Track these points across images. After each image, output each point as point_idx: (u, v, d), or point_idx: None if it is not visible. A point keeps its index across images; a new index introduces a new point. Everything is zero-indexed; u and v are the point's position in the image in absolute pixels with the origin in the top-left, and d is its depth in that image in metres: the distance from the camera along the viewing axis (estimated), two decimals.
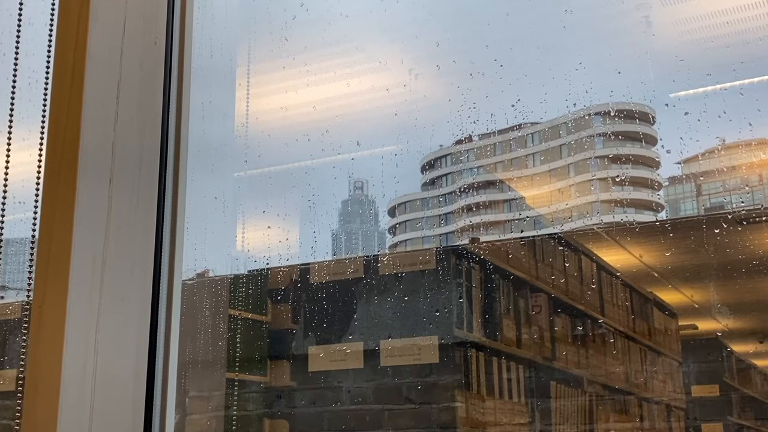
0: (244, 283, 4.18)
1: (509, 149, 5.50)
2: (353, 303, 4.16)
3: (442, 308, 3.97)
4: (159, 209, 1.17)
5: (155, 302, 1.14)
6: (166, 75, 1.22)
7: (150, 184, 1.17)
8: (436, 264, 4.03)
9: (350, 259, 4.30)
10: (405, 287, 4.04)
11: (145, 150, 1.18)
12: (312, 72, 4.19)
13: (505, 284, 4.22)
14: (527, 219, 5.11)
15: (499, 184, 5.59)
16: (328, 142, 4.24)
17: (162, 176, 1.19)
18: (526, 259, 4.32)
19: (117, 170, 1.14)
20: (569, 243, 4.45)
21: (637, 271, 4.63)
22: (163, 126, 1.21)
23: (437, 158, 5.91)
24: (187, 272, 3.57)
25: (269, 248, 4.21)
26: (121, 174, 1.14)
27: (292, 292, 4.33)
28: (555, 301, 4.33)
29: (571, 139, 5.16)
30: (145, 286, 1.14)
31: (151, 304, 1.14)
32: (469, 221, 5.41)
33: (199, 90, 1.32)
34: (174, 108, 1.23)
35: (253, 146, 4.13)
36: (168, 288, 1.16)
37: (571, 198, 5.29)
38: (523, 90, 4.11)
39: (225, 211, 3.87)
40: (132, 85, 1.18)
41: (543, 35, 4.17)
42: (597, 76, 4.00)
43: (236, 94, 3.49)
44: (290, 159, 4.55)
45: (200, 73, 1.33)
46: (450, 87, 4.46)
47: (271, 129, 4.42)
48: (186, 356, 3.17)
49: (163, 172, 1.20)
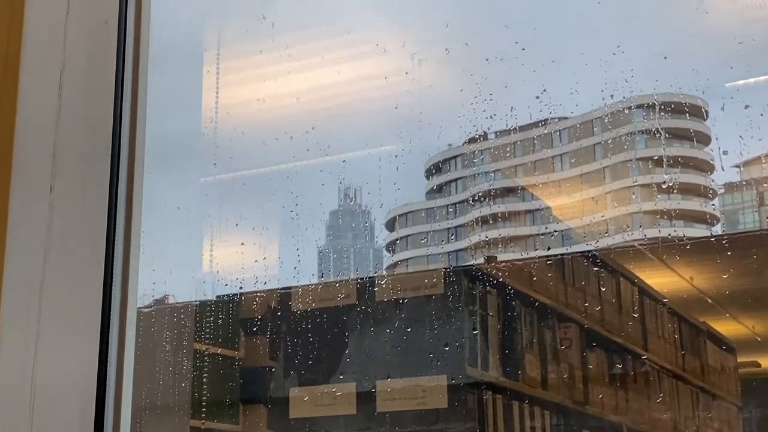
0: (212, 311, 4.21)
1: (532, 149, 5.48)
2: (344, 335, 4.17)
3: (451, 341, 3.99)
4: (110, 222, 1.17)
5: (104, 335, 1.14)
6: (119, 61, 1.23)
7: (99, 192, 1.17)
8: (444, 288, 4.05)
9: (341, 282, 4.33)
10: (407, 316, 4.05)
11: (94, 151, 1.18)
12: (295, 57, 4.18)
13: (527, 312, 4.24)
14: (554, 234, 5.11)
15: (520, 191, 5.58)
16: (315, 141, 4.25)
17: (114, 182, 1.19)
18: (553, 283, 4.33)
19: (59, 176, 1.14)
20: (605, 263, 4.45)
21: (687, 297, 4.61)
22: (116, 122, 1.21)
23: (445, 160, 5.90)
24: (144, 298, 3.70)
25: (243, 269, 4.24)
26: (64, 180, 1.15)
27: (270, 323, 4.34)
28: (588, 332, 4.34)
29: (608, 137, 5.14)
30: (93, 315, 1.14)
31: (99, 338, 1.14)
32: (485, 236, 5.34)
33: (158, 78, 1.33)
34: (128, 100, 1.23)
35: (224, 145, 4.16)
36: (120, 318, 1.16)
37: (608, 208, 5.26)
38: (550, 78, 4.12)
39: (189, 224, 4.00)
40: (78, 72, 1.19)
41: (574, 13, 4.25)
42: (638, 62, 3.98)
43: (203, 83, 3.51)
44: (269, 161, 4.57)
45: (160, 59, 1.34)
46: (461, 75, 4.51)
47: (245, 125, 4.49)
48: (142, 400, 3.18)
49: (115, 177, 1.20)
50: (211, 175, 4.27)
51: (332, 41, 4.42)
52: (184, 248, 4.02)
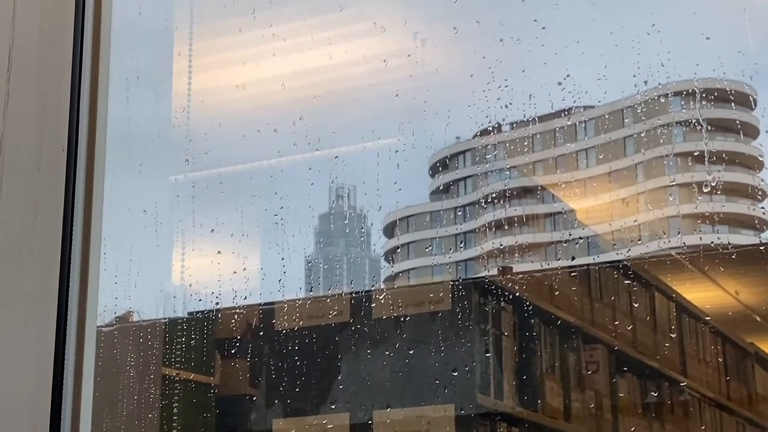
0: (183, 330, 4.22)
1: (554, 143, 5.46)
2: (336, 358, 4.16)
3: (460, 365, 3.99)
4: (66, 228, 1.17)
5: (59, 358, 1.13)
6: (76, 41, 1.22)
7: (53, 193, 1.17)
8: (452, 303, 4.05)
9: (332, 297, 4.30)
10: (409, 336, 4.05)
11: (47, 145, 1.18)
12: (280, 36, 4.18)
13: (548, 332, 4.25)
14: (579, 241, 5.11)
15: (539, 191, 5.56)
16: (302, 134, 4.26)
17: (70, 182, 1.19)
18: (577, 297, 4.33)
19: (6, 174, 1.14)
20: (638, 275, 4.44)
21: (733, 314, 4.57)
22: (73, 112, 1.20)
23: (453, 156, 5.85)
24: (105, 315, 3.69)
25: (219, 281, 4.21)
26: (12, 180, 1.14)
27: (251, 344, 4.33)
28: (618, 355, 4.34)
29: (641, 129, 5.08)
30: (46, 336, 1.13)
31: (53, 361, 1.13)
32: (499, 244, 5.31)
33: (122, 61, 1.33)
34: (87, 87, 1.23)
35: (198, 139, 4.19)
36: (77, 338, 1.15)
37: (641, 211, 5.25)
38: (574, 62, 4.11)
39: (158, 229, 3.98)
40: (29, 54, 1.18)
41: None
42: (676, 43, 3.98)
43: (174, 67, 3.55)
44: (249, 157, 4.57)
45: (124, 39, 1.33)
46: (472, 57, 4.46)
47: (222, 115, 4.46)
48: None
49: (72, 175, 1.19)
50: (182, 172, 4.28)
51: (323, 19, 4.41)
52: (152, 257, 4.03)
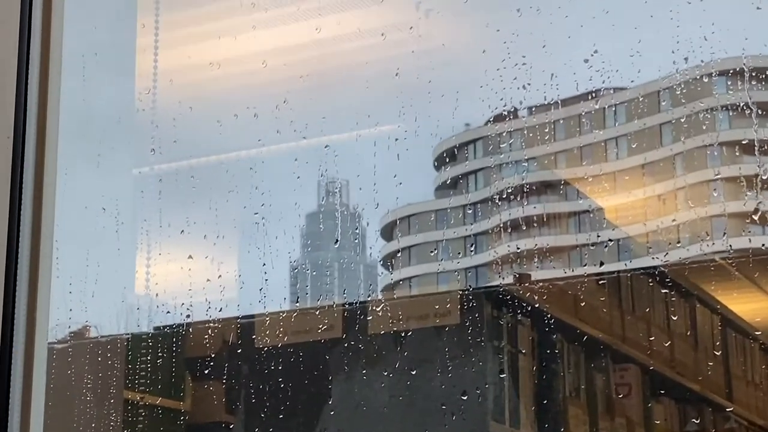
0: (148, 347, 4.25)
1: (579, 131, 5.42)
2: (326, 380, 4.21)
3: (471, 389, 3.98)
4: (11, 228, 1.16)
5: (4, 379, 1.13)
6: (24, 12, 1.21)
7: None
8: (460, 316, 4.07)
9: (322, 309, 4.32)
10: (411, 354, 4.08)
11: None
12: (261, 6, 4.16)
13: (572, 350, 4.28)
14: (608, 244, 5.02)
15: (562, 187, 5.57)
16: (287, 120, 4.24)
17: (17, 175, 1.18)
18: (606, 310, 4.35)
19: None
20: (677, 283, 4.44)
21: None
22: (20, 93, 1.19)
23: (462, 145, 5.82)
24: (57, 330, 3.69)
25: (191, 291, 4.24)
26: None
27: (227, 363, 4.34)
28: (653, 376, 4.34)
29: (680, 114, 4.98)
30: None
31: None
32: (515, 247, 5.25)
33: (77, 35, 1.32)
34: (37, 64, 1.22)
35: (165, 125, 4.21)
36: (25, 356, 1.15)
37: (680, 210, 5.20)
38: (603, 35, 4.13)
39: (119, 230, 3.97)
40: None
41: None
42: (722, 15, 3.95)
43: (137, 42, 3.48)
44: (225, 146, 4.57)
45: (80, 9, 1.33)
46: (484, 30, 4.46)
47: (194, 98, 4.42)
48: None
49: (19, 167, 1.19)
50: (148, 164, 4.27)
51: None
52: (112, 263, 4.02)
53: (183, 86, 4.40)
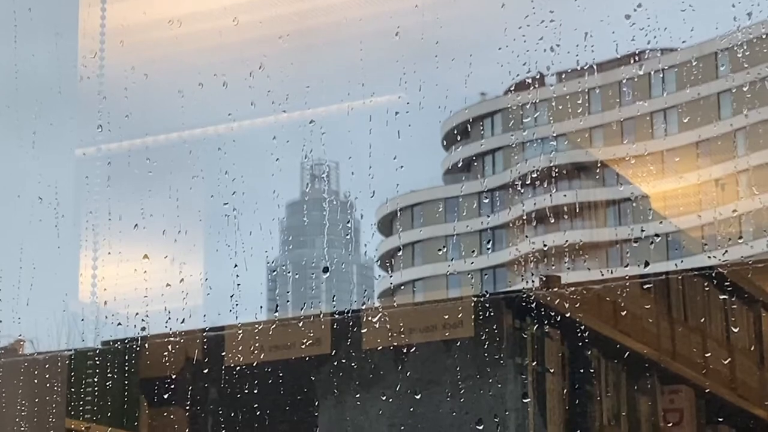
0: (95, 366, 4.22)
1: (619, 102, 5.30)
2: (312, 405, 4.10)
3: (487, 416, 3.87)
4: None
5: None
6: None
7: None
8: (474, 328, 3.96)
9: (306, 320, 4.19)
10: (414, 374, 3.97)
11: None
12: None
13: (611, 368, 4.16)
14: (655, 239, 4.92)
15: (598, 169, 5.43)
16: (263, 90, 4.20)
17: None
18: (652, 319, 4.22)
19: None
20: (739, 286, 4.29)
21: None
22: None
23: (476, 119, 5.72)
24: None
25: (147, 298, 4.20)
26: None
27: (191, 385, 4.24)
28: (711, 400, 4.20)
29: (742, 81, 4.89)
30: None
31: None
32: (541, 243, 5.05)
33: None
34: None
35: (115, 96, 4.22)
36: None
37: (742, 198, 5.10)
38: None
39: (59, 224, 4.10)
40: None
41: None
42: None
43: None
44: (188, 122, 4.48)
45: None
46: None
47: (149, 63, 4.44)
48: None
49: None
50: (94, 144, 4.27)
51: None
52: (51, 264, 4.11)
53: (136, 49, 4.39)
